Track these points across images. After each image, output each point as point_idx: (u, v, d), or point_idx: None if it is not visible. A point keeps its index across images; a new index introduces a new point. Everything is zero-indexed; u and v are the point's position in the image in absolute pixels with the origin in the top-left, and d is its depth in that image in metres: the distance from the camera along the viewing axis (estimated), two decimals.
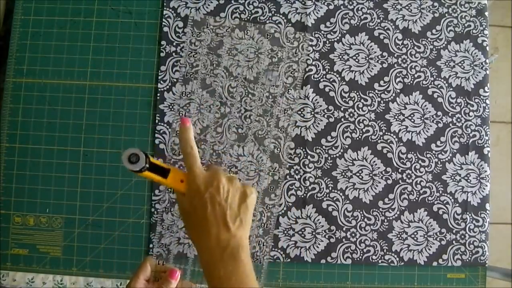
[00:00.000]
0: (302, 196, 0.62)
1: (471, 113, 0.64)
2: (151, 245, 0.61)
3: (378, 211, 0.62)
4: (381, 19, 0.65)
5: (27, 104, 0.64)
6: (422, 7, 0.65)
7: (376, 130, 0.63)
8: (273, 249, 0.62)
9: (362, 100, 0.64)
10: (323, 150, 0.63)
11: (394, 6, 0.65)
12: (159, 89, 0.63)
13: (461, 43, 0.65)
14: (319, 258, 0.62)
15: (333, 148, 0.63)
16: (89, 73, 0.64)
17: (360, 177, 0.63)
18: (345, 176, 0.63)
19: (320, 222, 0.62)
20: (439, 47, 0.65)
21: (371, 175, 0.63)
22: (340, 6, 0.65)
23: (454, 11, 0.66)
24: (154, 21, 0.65)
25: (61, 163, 0.63)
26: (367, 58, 0.64)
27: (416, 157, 0.63)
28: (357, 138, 0.63)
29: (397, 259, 0.62)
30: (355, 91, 0.64)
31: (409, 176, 0.63)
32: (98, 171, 0.63)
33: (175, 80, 0.63)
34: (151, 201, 0.62)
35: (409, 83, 0.64)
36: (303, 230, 0.62)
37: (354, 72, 0.64)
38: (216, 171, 0.46)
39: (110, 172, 0.63)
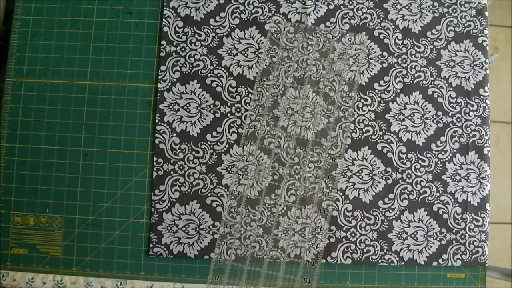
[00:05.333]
0: (302, 196, 0.62)
1: (471, 113, 0.64)
2: (151, 245, 0.61)
3: (378, 211, 0.62)
4: (381, 19, 0.65)
5: (27, 104, 0.64)
6: (422, 7, 0.65)
7: (376, 130, 0.63)
8: (273, 249, 0.62)
9: (362, 100, 0.64)
10: (323, 150, 0.63)
11: (394, 6, 0.65)
12: (159, 89, 0.63)
13: (461, 43, 0.65)
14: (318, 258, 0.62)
15: (333, 148, 0.63)
16: (89, 73, 0.64)
17: (360, 177, 0.63)
18: (345, 176, 0.63)
19: (319, 222, 0.62)
20: (439, 47, 0.65)
21: (371, 175, 0.63)
22: (340, 6, 0.65)
23: (454, 11, 0.66)
24: (154, 21, 0.65)
25: (61, 163, 0.63)
26: (367, 58, 0.64)
27: (416, 157, 0.63)
28: (357, 138, 0.63)
29: (397, 259, 0.62)
30: (355, 91, 0.64)
31: (409, 176, 0.63)
32: (98, 171, 0.63)
33: (175, 80, 0.63)
34: (151, 201, 0.62)
35: (409, 83, 0.64)
36: (303, 230, 0.62)
37: (354, 71, 0.64)
38: None
39: (110, 172, 0.63)
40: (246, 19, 0.64)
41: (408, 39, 0.65)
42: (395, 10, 0.65)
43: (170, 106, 0.63)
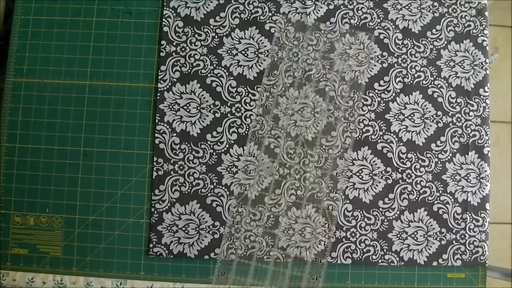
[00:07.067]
0: (302, 196, 0.62)
1: (471, 113, 0.64)
2: (151, 245, 0.61)
3: (378, 211, 0.62)
4: (381, 19, 0.65)
5: (27, 104, 0.64)
6: (422, 7, 0.65)
7: (376, 130, 0.63)
8: (273, 249, 0.62)
9: (362, 100, 0.64)
10: (323, 150, 0.63)
11: (394, 6, 0.65)
12: (159, 89, 0.63)
13: (461, 43, 0.65)
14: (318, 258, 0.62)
15: (333, 148, 0.63)
16: (89, 73, 0.64)
17: (360, 177, 0.63)
18: (345, 176, 0.63)
19: (320, 222, 0.62)
20: (439, 47, 0.65)
21: (371, 175, 0.63)
22: (340, 6, 0.65)
23: (454, 11, 0.66)
24: (154, 21, 0.65)
25: (61, 163, 0.63)
26: (367, 58, 0.64)
27: (416, 157, 0.63)
28: (357, 138, 0.63)
29: (397, 259, 0.62)
30: (354, 91, 0.64)
31: (409, 175, 0.63)
32: (98, 171, 0.63)
33: (175, 80, 0.63)
34: (151, 201, 0.62)
35: (409, 83, 0.64)
36: (303, 229, 0.62)
37: (354, 71, 0.64)
38: None
39: (110, 172, 0.63)
40: (246, 19, 0.64)
41: (408, 39, 0.65)
42: (395, 10, 0.65)
43: (170, 106, 0.63)
